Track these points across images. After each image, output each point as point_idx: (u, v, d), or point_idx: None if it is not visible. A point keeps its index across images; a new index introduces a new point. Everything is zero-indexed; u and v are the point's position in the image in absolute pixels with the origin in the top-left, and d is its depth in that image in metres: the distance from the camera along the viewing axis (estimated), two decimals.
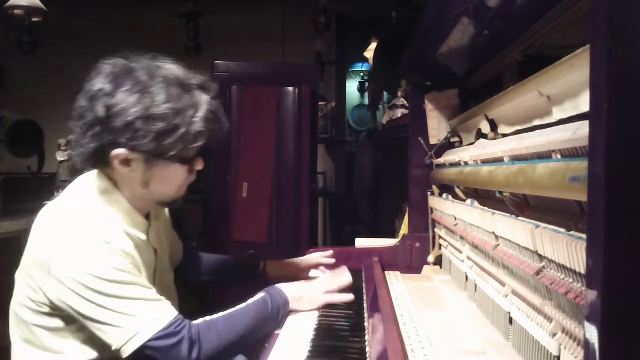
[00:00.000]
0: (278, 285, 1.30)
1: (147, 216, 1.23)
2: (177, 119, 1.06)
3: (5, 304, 1.19)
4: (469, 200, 1.35)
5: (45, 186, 4.05)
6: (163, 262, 1.31)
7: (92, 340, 1.10)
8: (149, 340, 1.04)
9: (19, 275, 1.14)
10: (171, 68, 1.12)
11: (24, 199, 3.56)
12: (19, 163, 5.27)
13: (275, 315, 1.22)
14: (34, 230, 1.14)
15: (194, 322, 1.11)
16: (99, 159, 1.11)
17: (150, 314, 1.05)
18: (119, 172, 1.12)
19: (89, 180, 1.18)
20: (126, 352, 1.04)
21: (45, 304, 1.09)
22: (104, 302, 1.04)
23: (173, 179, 1.16)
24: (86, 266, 1.04)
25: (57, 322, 1.11)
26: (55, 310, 1.09)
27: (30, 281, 1.10)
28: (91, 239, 1.06)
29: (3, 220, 3.11)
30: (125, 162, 1.09)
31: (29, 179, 4.71)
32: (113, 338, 1.04)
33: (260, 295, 1.23)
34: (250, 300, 1.21)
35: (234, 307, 1.19)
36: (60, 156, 3.75)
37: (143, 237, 1.19)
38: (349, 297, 1.35)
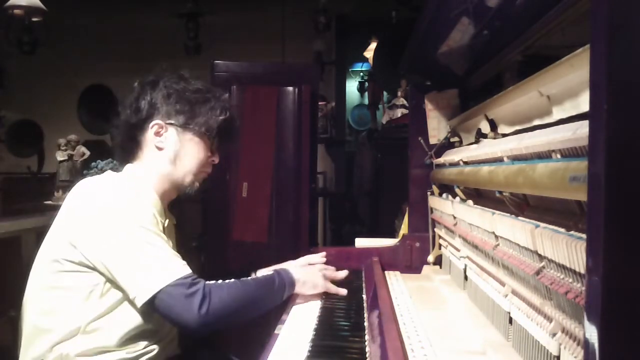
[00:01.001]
0: (287, 267, 1.42)
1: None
2: (208, 94, 1.33)
3: (6, 303, 1.19)
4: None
5: (45, 186, 4.05)
6: None
7: (111, 303, 1.18)
8: (167, 286, 1.10)
9: (49, 241, 1.21)
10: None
11: (24, 199, 3.56)
12: (19, 163, 5.28)
13: (281, 292, 1.31)
14: (70, 199, 1.23)
15: (208, 282, 1.18)
16: (134, 136, 1.30)
17: (172, 264, 1.15)
18: (150, 150, 1.30)
19: (112, 176, 1.29)
20: (145, 296, 1.11)
21: (73, 261, 1.16)
22: (134, 246, 1.14)
23: (197, 154, 1.32)
24: (122, 214, 1.16)
25: (78, 280, 1.17)
26: (83, 267, 1.17)
27: (66, 247, 1.17)
28: (128, 195, 1.21)
29: (3, 220, 3.11)
30: (159, 132, 1.29)
31: (29, 179, 4.72)
32: (136, 284, 1.12)
33: (269, 273, 1.35)
34: (260, 275, 1.37)
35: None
36: (60, 156, 3.74)
37: (166, 223, 1.30)
38: (344, 291, 1.46)
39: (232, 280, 1.24)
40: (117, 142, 1.36)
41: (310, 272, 1.44)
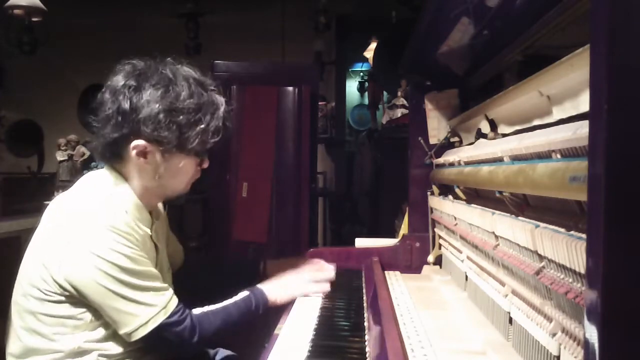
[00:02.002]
0: (260, 286, 1.39)
1: (150, 214, 1.27)
2: (199, 114, 1.15)
3: (5, 304, 1.19)
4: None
5: (45, 186, 4.05)
6: (162, 260, 1.34)
7: (101, 329, 1.15)
8: (157, 327, 1.12)
9: (25, 266, 1.16)
10: (189, 70, 1.20)
11: (24, 199, 3.56)
12: (19, 163, 5.28)
13: (257, 312, 1.33)
14: (46, 220, 1.18)
15: (193, 311, 1.22)
16: (115, 151, 1.17)
17: (160, 303, 1.14)
18: (133, 164, 1.18)
19: (99, 176, 1.23)
20: (136, 337, 1.12)
21: (55, 292, 1.12)
22: (120, 290, 1.10)
23: (184, 173, 1.23)
24: (105, 255, 1.09)
25: (65, 310, 1.13)
26: (66, 298, 1.12)
27: (41, 270, 1.12)
28: (108, 228, 1.10)
29: (3, 220, 3.11)
30: (143, 153, 1.16)
31: (29, 179, 4.71)
32: (126, 324, 1.11)
33: (246, 293, 1.34)
34: (238, 297, 1.32)
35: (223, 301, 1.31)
36: (60, 156, 3.74)
37: (149, 232, 1.23)
38: (326, 288, 1.46)
39: (214, 307, 1.27)
40: (98, 151, 1.22)
41: (285, 284, 1.44)
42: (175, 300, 1.18)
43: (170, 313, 1.15)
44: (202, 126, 1.15)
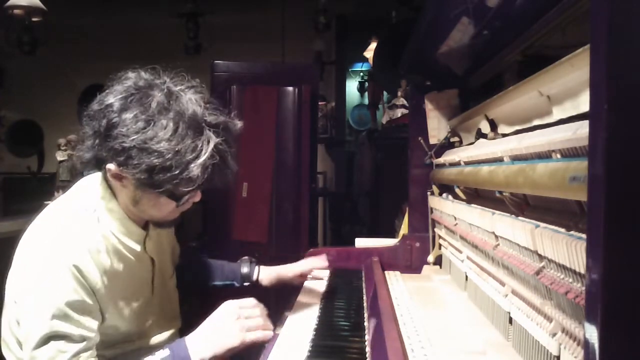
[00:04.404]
0: (187, 340, 1.08)
1: (145, 225, 1.21)
2: (173, 160, 1.01)
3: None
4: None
5: (45, 186, 4.04)
6: (163, 270, 1.30)
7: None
8: None
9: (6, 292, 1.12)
10: (190, 100, 1.07)
11: (24, 199, 3.55)
12: (19, 163, 5.28)
13: None
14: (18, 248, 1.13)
15: None
16: (96, 166, 1.12)
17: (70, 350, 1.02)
18: (114, 183, 1.12)
19: (89, 186, 1.18)
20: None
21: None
22: (36, 325, 1.01)
23: (161, 208, 1.13)
24: (40, 291, 1.02)
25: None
26: None
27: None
28: (55, 265, 1.03)
29: (3, 220, 3.11)
30: (118, 177, 1.08)
31: (29, 179, 4.71)
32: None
33: (164, 354, 1.05)
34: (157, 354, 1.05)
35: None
36: (60, 156, 3.74)
37: (137, 248, 1.17)
38: (266, 335, 1.13)
39: None
40: (81, 162, 1.15)
41: (216, 337, 1.09)
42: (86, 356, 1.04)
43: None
44: (175, 172, 1.01)
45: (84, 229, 1.09)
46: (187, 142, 1.02)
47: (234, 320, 1.10)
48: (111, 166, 1.06)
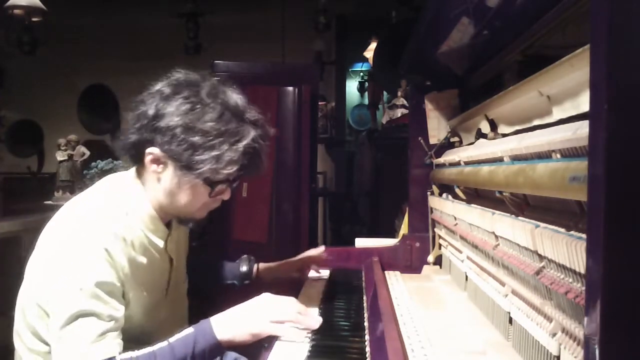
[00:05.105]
0: (212, 320, 1.10)
1: (168, 224, 1.23)
2: (216, 140, 1.08)
3: (6, 303, 1.19)
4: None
5: (45, 186, 4.04)
6: (178, 272, 1.31)
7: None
8: None
9: (29, 275, 1.13)
10: (234, 96, 1.15)
11: (24, 199, 3.55)
12: (19, 163, 5.27)
13: (201, 355, 1.07)
14: (46, 231, 1.13)
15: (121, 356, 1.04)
16: (135, 153, 1.15)
17: (96, 347, 1.01)
18: (149, 172, 1.15)
19: (117, 181, 1.20)
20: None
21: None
22: (68, 314, 1.01)
23: (194, 198, 1.16)
24: (71, 272, 1.03)
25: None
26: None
27: (37, 285, 1.10)
28: (87, 246, 1.05)
29: (3, 220, 3.11)
30: (157, 161, 1.12)
31: (29, 179, 4.71)
32: (57, 353, 1.03)
33: (188, 332, 1.08)
34: (175, 338, 1.07)
35: (165, 340, 1.07)
36: (60, 156, 3.74)
37: (161, 244, 1.19)
38: (286, 332, 1.12)
39: (147, 351, 1.05)
40: (121, 148, 1.19)
41: (245, 317, 1.12)
42: (111, 348, 1.02)
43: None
44: (215, 153, 1.07)
45: (114, 218, 1.12)
46: (230, 126, 1.10)
47: (264, 308, 1.13)
48: (153, 149, 1.11)
